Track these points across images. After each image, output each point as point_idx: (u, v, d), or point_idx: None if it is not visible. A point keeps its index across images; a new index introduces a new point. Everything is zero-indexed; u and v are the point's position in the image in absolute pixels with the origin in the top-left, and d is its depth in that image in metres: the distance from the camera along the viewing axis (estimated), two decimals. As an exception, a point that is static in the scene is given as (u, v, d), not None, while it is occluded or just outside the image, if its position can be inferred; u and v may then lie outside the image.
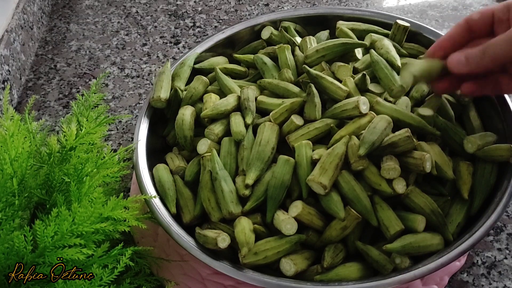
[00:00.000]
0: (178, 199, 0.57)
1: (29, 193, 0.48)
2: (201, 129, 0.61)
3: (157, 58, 0.86)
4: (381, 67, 0.59)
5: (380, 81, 0.59)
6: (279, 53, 0.65)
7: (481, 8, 0.91)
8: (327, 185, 0.50)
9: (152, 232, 0.60)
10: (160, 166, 0.59)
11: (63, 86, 0.82)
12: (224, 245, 0.50)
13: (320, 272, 0.50)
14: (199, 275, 0.56)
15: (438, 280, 0.54)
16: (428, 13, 0.91)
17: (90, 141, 0.52)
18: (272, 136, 0.55)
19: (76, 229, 0.43)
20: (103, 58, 0.87)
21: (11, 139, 0.48)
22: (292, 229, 0.50)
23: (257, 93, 0.63)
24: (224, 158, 0.56)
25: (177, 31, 0.91)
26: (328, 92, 0.57)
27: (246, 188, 0.53)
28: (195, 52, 0.70)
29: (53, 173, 0.49)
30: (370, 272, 0.51)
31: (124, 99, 0.79)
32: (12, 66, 0.78)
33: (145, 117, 0.63)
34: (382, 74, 0.58)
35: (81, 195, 0.47)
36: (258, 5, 0.95)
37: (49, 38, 0.91)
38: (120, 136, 0.74)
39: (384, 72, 0.58)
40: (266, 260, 0.50)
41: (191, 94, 0.64)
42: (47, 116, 0.77)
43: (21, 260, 0.42)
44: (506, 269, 0.56)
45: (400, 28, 0.65)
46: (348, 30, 0.67)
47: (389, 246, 0.49)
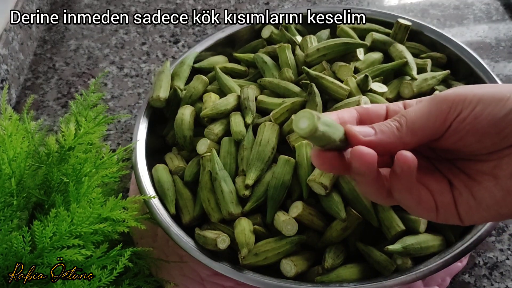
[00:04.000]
0: (178, 200, 0.56)
1: (28, 194, 0.47)
2: (201, 128, 0.61)
3: (156, 57, 0.85)
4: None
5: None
6: (279, 52, 0.65)
7: (482, 7, 0.91)
8: (328, 186, 0.49)
9: (151, 233, 0.59)
10: (159, 166, 0.58)
11: (62, 86, 0.82)
12: (224, 246, 0.50)
13: (320, 273, 0.50)
14: (198, 276, 0.55)
15: (440, 281, 0.54)
16: (430, 12, 0.91)
17: (89, 141, 0.52)
18: (273, 136, 0.55)
19: (74, 229, 0.43)
20: (102, 57, 0.86)
21: (9, 139, 0.47)
22: (293, 230, 0.50)
23: (257, 92, 0.62)
24: (224, 158, 0.56)
25: (176, 30, 0.90)
26: (329, 91, 0.57)
27: (246, 189, 0.53)
28: (195, 51, 0.70)
29: (52, 173, 0.49)
30: (371, 273, 0.50)
31: (123, 98, 0.79)
32: (11, 65, 0.78)
33: (144, 116, 0.62)
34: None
35: (80, 196, 0.46)
36: (258, 4, 0.94)
37: (48, 37, 0.91)
38: (119, 136, 0.73)
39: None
40: (266, 261, 0.50)
41: (191, 93, 0.64)
42: (45, 115, 0.77)
43: (19, 260, 0.42)
44: (508, 270, 0.56)
45: (402, 27, 0.65)
46: (349, 29, 0.67)
47: (390, 247, 0.49)
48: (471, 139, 0.32)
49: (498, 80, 0.60)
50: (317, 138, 0.30)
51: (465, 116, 0.31)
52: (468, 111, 0.31)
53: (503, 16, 0.89)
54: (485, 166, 0.32)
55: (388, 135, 0.33)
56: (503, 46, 0.83)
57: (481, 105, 0.31)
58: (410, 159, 0.30)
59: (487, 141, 0.31)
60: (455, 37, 0.68)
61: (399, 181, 0.32)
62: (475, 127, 0.31)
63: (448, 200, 0.33)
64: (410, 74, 0.60)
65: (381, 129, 0.33)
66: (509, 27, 0.86)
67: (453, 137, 0.32)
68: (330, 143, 0.32)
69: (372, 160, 0.31)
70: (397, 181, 0.32)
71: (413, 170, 0.31)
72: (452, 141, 0.33)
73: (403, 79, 0.61)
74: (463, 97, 0.32)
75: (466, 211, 0.32)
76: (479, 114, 0.31)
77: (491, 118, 0.31)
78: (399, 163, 0.31)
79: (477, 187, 0.32)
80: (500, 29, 0.86)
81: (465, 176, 0.33)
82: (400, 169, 0.31)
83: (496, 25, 0.87)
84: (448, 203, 0.33)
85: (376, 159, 0.31)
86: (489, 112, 0.31)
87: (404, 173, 0.31)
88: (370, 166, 0.31)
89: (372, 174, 0.32)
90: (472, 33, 0.86)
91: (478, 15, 0.89)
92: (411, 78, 0.60)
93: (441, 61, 0.66)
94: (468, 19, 0.89)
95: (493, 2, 0.92)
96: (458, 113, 0.32)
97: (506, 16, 0.89)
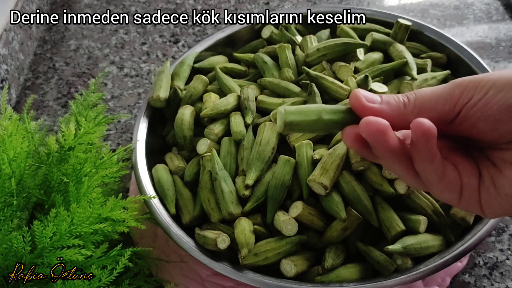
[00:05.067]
0: (178, 200, 0.56)
1: (28, 194, 0.47)
2: (201, 128, 0.60)
3: (156, 57, 0.85)
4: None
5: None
6: (279, 52, 0.65)
7: (482, 7, 0.91)
8: (328, 186, 0.49)
9: (151, 233, 0.59)
10: (159, 166, 0.58)
11: (62, 86, 0.81)
12: (224, 246, 0.50)
13: (321, 273, 0.50)
14: (198, 276, 0.55)
15: (440, 281, 0.54)
16: (430, 12, 0.91)
17: (89, 141, 0.52)
18: (273, 136, 0.55)
19: (74, 229, 0.43)
20: (102, 57, 0.86)
21: (10, 139, 0.47)
22: (293, 230, 0.50)
23: (257, 92, 0.62)
24: (224, 158, 0.56)
25: (176, 30, 0.90)
26: (329, 92, 0.57)
27: (246, 189, 0.53)
28: (195, 51, 0.70)
29: (52, 173, 0.49)
30: (371, 273, 0.50)
31: (123, 98, 0.79)
32: (11, 65, 0.78)
33: (144, 116, 0.62)
34: None
35: (80, 196, 0.46)
36: (258, 4, 0.94)
37: (48, 37, 0.91)
38: (119, 136, 0.73)
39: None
40: (266, 261, 0.50)
41: (191, 93, 0.64)
42: (45, 115, 0.77)
43: (19, 260, 0.42)
44: (508, 270, 0.56)
45: (402, 27, 0.65)
46: (349, 29, 0.67)
47: (390, 247, 0.49)
48: (483, 127, 0.31)
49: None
50: (300, 126, 0.31)
51: (476, 101, 0.30)
52: (480, 96, 0.30)
53: (503, 16, 0.89)
54: (509, 154, 0.31)
55: (392, 108, 0.32)
56: (503, 46, 0.83)
57: (494, 90, 0.30)
58: (427, 124, 0.29)
59: (502, 128, 0.30)
60: (455, 37, 0.68)
61: (417, 151, 0.30)
62: (486, 113, 0.30)
63: (475, 184, 0.32)
64: (410, 74, 0.60)
65: (388, 100, 0.32)
66: (509, 27, 0.86)
67: (465, 123, 0.31)
68: (329, 124, 0.32)
69: (378, 128, 0.29)
70: (415, 151, 0.31)
71: (430, 137, 0.29)
72: (465, 128, 0.32)
73: (403, 79, 0.61)
74: (477, 82, 0.31)
75: (486, 199, 0.32)
76: (490, 99, 0.30)
77: (502, 103, 0.30)
78: (413, 129, 0.29)
79: (498, 174, 0.31)
80: (500, 29, 0.86)
81: (490, 164, 0.32)
82: (415, 136, 0.30)
83: (496, 25, 0.87)
84: (474, 187, 0.32)
85: (385, 128, 0.30)
86: (501, 97, 0.30)
87: (420, 141, 0.30)
88: (379, 136, 0.30)
89: (386, 146, 0.30)
90: (472, 33, 0.86)
91: (478, 15, 0.89)
92: (411, 78, 0.60)
93: (441, 61, 0.66)
94: (468, 19, 0.89)
95: (493, 2, 0.92)
96: (469, 99, 0.31)
97: (506, 16, 0.89)
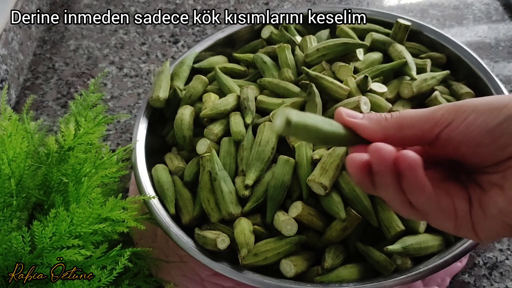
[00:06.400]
0: (177, 200, 0.56)
1: (27, 194, 0.47)
2: (201, 129, 0.60)
3: (156, 58, 0.85)
4: None
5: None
6: (279, 52, 0.65)
7: (482, 7, 0.91)
8: (328, 186, 0.49)
9: (151, 233, 0.59)
10: (159, 167, 0.58)
11: (61, 86, 0.81)
12: (224, 246, 0.50)
13: (320, 273, 0.50)
14: (198, 276, 0.55)
15: (440, 281, 0.54)
16: (429, 12, 0.91)
17: (89, 141, 0.52)
18: (272, 136, 0.55)
19: (74, 230, 0.43)
20: (102, 57, 0.86)
21: (9, 139, 0.47)
22: (292, 230, 0.50)
23: (257, 92, 0.62)
24: (223, 158, 0.56)
25: (176, 30, 0.90)
26: (329, 92, 0.57)
27: (246, 189, 0.53)
28: (194, 51, 0.70)
29: (51, 173, 0.49)
30: (371, 273, 0.50)
31: (122, 98, 0.79)
32: (10, 65, 0.78)
33: (144, 117, 0.62)
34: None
35: (80, 196, 0.46)
36: (258, 4, 0.94)
37: (48, 38, 0.91)
38: (119, 136, 0.73)
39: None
40: (266, 261, 0.50)
41: (190, 93, 0.64)
42: (45, 116, 0.77)
43: (19, 260, 0.42)
44: (508, 270, 0.56)
45: (401, 27, 0.65)
46: (349, 29, 0.67)
47: (390, 248, 0.49)
48: (466, 150, 0.32)
49: (497, 80, 0.60)
50: (297, 131, 0.31)
51: (457, 124, 0.31)
52: (461, 119, 0.31)
53: (502, 16, 0.89)
54: (494, 177, 0.32)
55: (373, 122, 0.33)
56: (503, 46, 0.83)
57: (475, 114, 0.31)
58: (411, 156, 0.30)
59: (484, 151, 0.31)
60: (455, 37, 0.68)
61: (407, 182, 0.31)
62: (467, 136, 0.31)
63: (466, 208, 0.32)
64: (409, 74, 0.60)
65: (369, 116, 0.34)
66: (508, 27, 0.86)
67: (448, 146, 0.32)
68: (326, 137, 0.32)
69: (387, 152, 0.30)
70: (405, 183, 0.31)
71: (416, 167, 0.30)
72: (449, 151, 0.33)
73: (403, 79, 0.61)
74: (458, 106, 0.32)
75: (477, 223, 0.32)
76: (471, 123, 0.31)
77: (483, 126, 0.30)
78: (399, 162, 0.30)
79: (484, 196, 0.32)
80: (499, 29, 0.86)
81: (478, 187, 0.33)
82: (402, 168, 0.30)
83: (495, 25, 0.87)
84: (466, 212, 0.32)
85: (385, 155, 0.30)
86: (482, 121, 0.30)
87: (407, 173, 0.30)
88: (382, 160, 0.30)
89: (385, 171, 0.31)
90: (471, 33, 0.86)
91: (478, 15, 0.89)
92: (410, 78, 0.60)
93: (440, 61, 0.66)
94: (468, 19, 0.89)
95: (492, 2, 0.92)
96: (449, 122, 0.31)
97: (505, 16, 0.89)
